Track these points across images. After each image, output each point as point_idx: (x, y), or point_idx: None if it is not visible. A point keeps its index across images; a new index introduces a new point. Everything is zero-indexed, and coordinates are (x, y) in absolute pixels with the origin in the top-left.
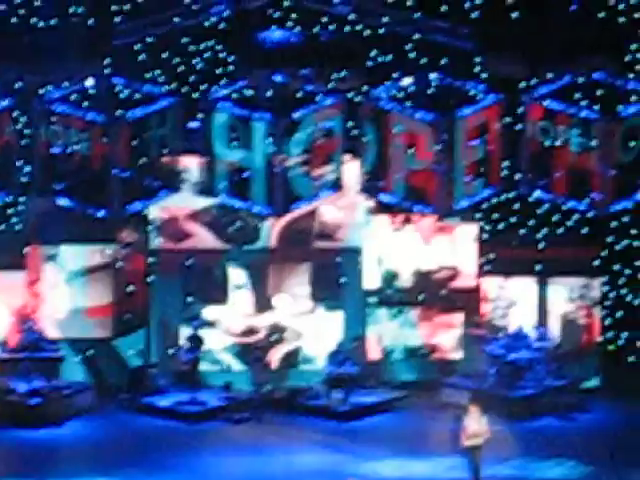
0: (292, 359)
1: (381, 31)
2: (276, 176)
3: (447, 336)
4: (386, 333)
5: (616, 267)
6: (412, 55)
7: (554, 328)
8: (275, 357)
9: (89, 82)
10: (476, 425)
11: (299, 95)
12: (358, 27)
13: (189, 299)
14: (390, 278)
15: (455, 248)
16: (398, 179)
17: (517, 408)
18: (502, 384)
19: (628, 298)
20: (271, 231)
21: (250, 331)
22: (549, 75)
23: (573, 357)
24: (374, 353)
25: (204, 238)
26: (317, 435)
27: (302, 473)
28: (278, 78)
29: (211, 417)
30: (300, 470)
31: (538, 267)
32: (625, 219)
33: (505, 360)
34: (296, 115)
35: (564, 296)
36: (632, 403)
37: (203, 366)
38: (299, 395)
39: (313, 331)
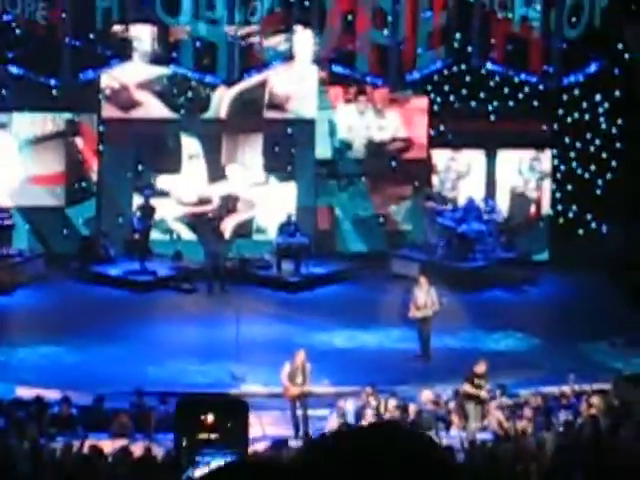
0: (244, 229)
1: None
2: (228, 46)
3: (398, 207)
4: (337, 204)
5: (567, 140)
6: None
7: (504, 201)
8: (227, 227)
9: None
10: (425, 297)
11: None
12: None
13: (140, 168)
14: (342, 149)
15: (407, 120)
16: (350, 50)
17: (466, 280)
18: (452, 256)
19: (578, 171)
20: (222, 101)
21: (203, 201)
22: None
23: (523, 230)
24: (325, 224)
25: (155, 107)
26: (268, 306)
27: (252, 343)
28: None
29: (161, 286)
30: (250, 340)
31: (488, 139)
32: (576, 92)
33: (455, 232)
34: None
35: (514, 169)
36: (580, 276)
37: (154, 235)
38: (250, 265)
39: (266, 201)
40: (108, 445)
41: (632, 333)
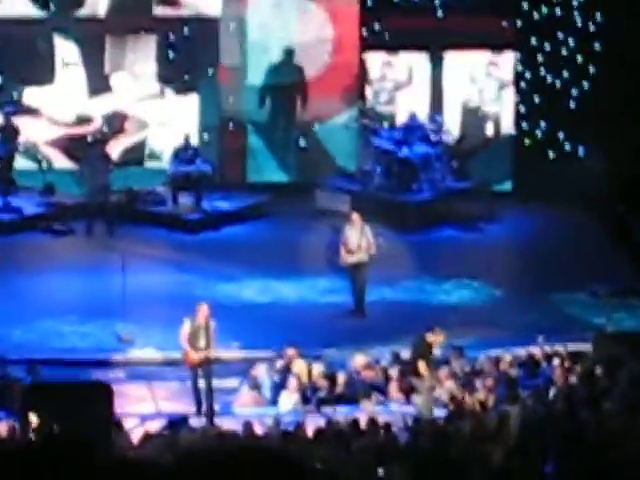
0: (134, 155)
1: None
2: None
3: (323, 126)
4: (249, 122)
5: (533, 40)
6: None
7: (454, 117)
8: (112, 152)
9: None
10: (359, 237)
11: None
12: None
13: (0, 79)
14: (254, 54)
15: (334, 16)
16: None
17: (410, 216)
18: (391, 186)
19: (548, 79)
20: None
21: (82, 120)
22: None
23: (479, 153)
24: (234, 147)
25: (18, 2)
26: (161, 250)
27: (142, 297)
28: None
29: (28, 227)
30: (140, 293)
31: (433, 39)
32: None
33: (395, 156)
34: None
35: (465, 76)
36: (552, 210)
37: (18, 163)
38: (140, 200)
39: (160, 120)
40: None
41: (616, 280)
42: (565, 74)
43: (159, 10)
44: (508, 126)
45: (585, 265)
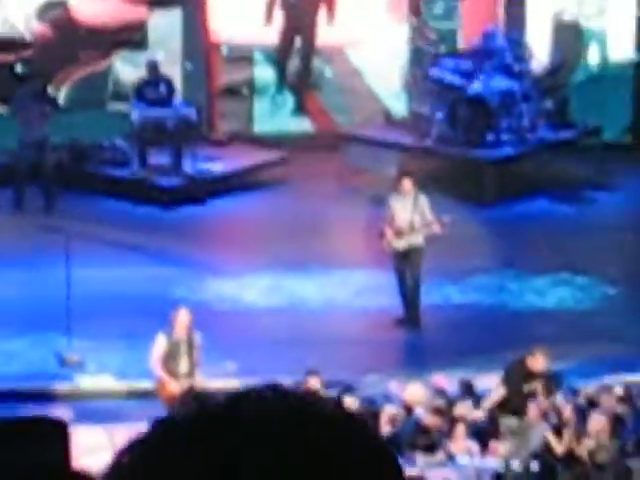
0: (89, 93)
1: None
2: None
3: (357, 52)
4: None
5: None
6: None
7: (543, 36)
8: (55, 88)
9: None
10: (411, 212)
11: None
12: None
13: None
14: None
15: None
16: None
17: (486, 180)
18: (459, 137)
19: None
20: None
21: (9, 39)
22: None
23: (583, 90)
24: (230, 80)
25: None
26: (123, 232)
27: (96, 300)
28: None
29: None
30: (92, 294)
31: None
32: None
33: (463, 94)
34: None
35: None
36: None
37: None
38: (91, 159)
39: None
40: None
41: None
42: None
43: None
44: (625, 49)
45: None
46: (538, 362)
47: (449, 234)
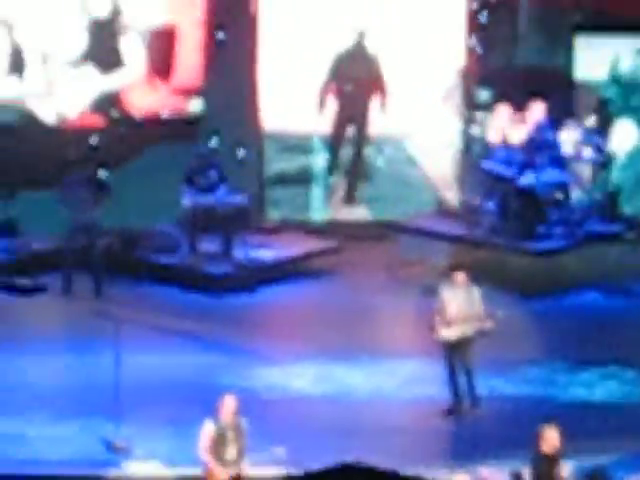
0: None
1: None
2: None
3: (406, 143)
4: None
5: None
6: None
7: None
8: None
9: None
10: (464, 304)
11: None
12: None
13: None
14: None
15: None
16: None
17: (534, 273)
18: (509, 229)
19: None
20: None
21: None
22: None
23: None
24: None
25: None
26: (170, 318)
27: (144, 386)
28: None
29: None
30: (140, 381)
31: None
32: None
33: (514, 185)
34: None
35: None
36: None
37: None
38: (140, 244)
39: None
40: None
41: None
42: None
43: None
44: None
45: None
46: (551, 437)
47: (497, 325)
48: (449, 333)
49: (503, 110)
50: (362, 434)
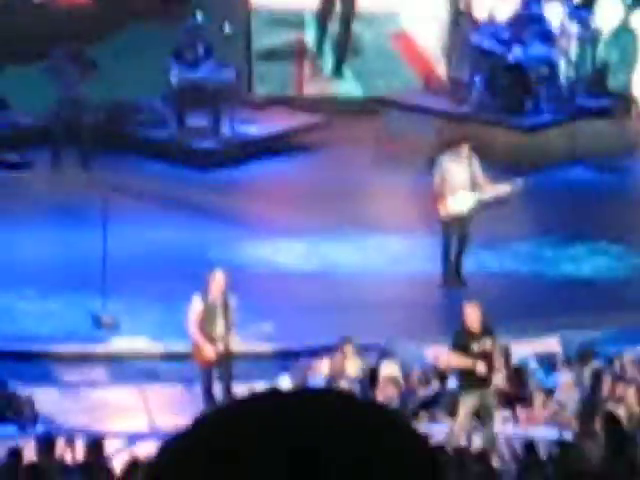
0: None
1: None
2: None
3: (394, 16)
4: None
5: None
6: None
7: None
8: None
9: None
10: (469, 176)
11: None
12: None
13: None
14: None
15: None
16: None
17: (522, 148)
18: (497, 104)
19: None
20: None
21: None
22: None
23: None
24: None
25: None
26: (159, 193)
27: (132, 260)
28: None
29: None
30: (128, 255)
31: None
32: None
33: (503, 60)
34: None
35: None
36: None
37: None
38: (129, 119)
39: None
40: None
41: None
42: None
43: None
44: None
45: None
46: (472, 315)
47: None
48: (458, 206)
49: None
50: (350, 310)
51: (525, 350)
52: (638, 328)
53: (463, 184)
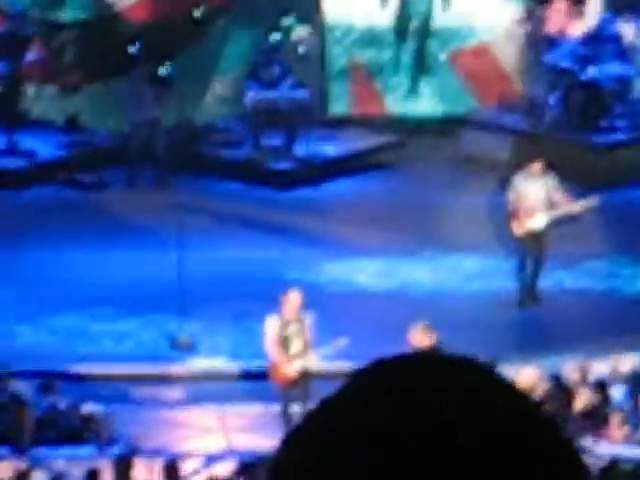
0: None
1: None
2: None
3: (470, 32)
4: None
5: None
6: None
7: None
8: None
9: None
10: (540, 194)
11: None
12: None
13: None
14: None
15: None
16: None
17: (598, 166)
18: (572, 122)
19: None
20: None
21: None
22: None
23: None
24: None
25: None
26: (235, 212)
27: (208, 282)
28: None
29: (43, 178)
30: (204, 277)
31: None
32: None
33: (577, 79)
34: None
35: None
36: None
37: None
38: (205, 139)
39: None
40: None
41: None
42: None
43: None
44: None
45: None
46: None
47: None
48: (532, 224)
49: (559, 1)
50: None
51: (600, 368)
52: None
53: (538, 203)
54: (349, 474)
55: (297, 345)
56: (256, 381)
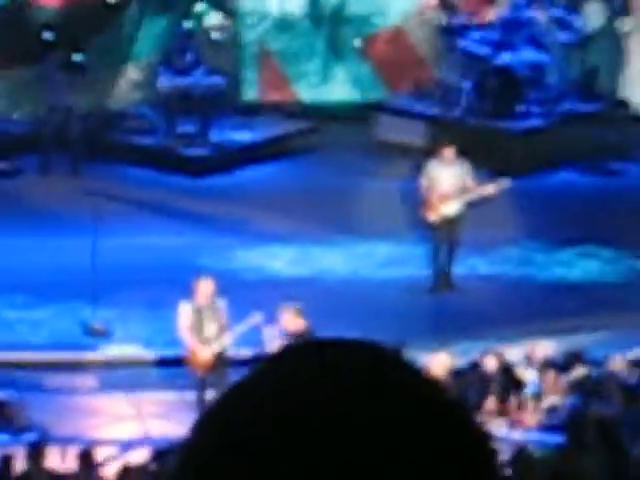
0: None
1: None
2: None
3: (382, 19)
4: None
5: None
6: None
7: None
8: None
9: None
10: (454, 179)
11: None
12: None
13: None
14: None
15: None
16: None
17: (512, 152)
18: (486, 108)
19: None
20: None
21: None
22: None
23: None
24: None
25: None
26: (148, 199)
27: (122, 268)
28: None
29: None
30: (118, 263)
31: None
32: None
33: (492, 65)
34: None
35: None
36: None
37: None
38: (118, 126)
39: None
40: None
41: None
42: None
43: None
44: None
45: None
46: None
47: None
48: (447, 209)
49: None
50: (341, 316)
51: (516, 354)
52: (628, 332)
53: (451, 189)
54: (253, 457)
55: (212, 329)
56: (171, 368)
